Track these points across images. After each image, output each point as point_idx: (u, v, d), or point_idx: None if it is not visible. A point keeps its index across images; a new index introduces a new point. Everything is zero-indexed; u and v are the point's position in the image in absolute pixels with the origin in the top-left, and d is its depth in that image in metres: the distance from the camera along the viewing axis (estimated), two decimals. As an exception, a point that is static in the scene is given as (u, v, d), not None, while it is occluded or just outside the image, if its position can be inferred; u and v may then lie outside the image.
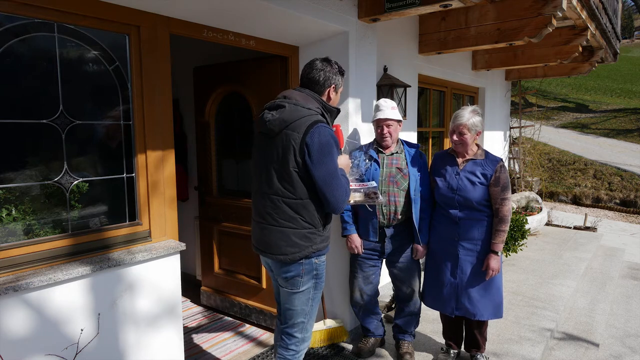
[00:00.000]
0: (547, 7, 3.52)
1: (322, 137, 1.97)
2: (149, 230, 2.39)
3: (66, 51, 2.07)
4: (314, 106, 2.10)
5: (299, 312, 2.17)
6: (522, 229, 4.95)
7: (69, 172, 2.11)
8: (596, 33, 4.81)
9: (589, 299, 4.34)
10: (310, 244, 2.07)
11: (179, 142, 4.51)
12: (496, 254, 2.61)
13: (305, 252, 2.07)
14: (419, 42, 4.39)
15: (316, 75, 2.16)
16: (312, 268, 2.13)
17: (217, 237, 3.86)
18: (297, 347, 2.21)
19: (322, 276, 2.20)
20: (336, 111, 2.25)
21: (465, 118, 2.61)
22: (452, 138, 2.68)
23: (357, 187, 2.55)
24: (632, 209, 9.82)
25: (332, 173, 2.01)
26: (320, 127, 1.99)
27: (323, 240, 2.14)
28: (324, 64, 2.18)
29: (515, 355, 3.03)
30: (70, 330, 2.00)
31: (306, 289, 2.14)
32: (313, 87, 2.17)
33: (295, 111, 2.03)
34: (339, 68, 2.24)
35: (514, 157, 7.51)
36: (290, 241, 2.05)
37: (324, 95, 2.19)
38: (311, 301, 2.18)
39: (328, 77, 2.17)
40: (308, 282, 2.13)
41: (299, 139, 1.97)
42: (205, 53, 4.10)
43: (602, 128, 16.60)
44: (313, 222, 2.07)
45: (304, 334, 2.21)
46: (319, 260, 2.15)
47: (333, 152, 2.02)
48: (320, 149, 1.97)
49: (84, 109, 2.16)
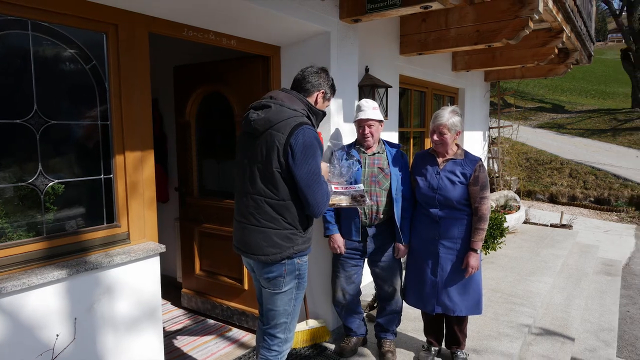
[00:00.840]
0: (524, 9, 3.59)
1: (306, 138, 1.98)
2: (127, 233, 2.35)
3: (41, 49, 2.02)
4: (300, 107, 2.10)
5: (281, 313, 2.16)
6: (501, 227, 5.04)
7: (43, 173, 2.05)
8: (571, 35, 4.93)
9: (565, 295, 4.45)
10: (291, 245, 2.07)
11: (159, 143, 4.45)
12: (475, 252, 2.65)
13: (287, 253, 2.06)
14: (400, 43, 4.43)
15: (310, 77, 2.20)
16: (295, 268, 2.12)
17: (198, 238, 3.81)
18: (279, 347, 2.20)
19: (305, 276, 2.19)
20: (322, 114, 2.25)
21: (445, 118, 2.65)
22: (433, 138, 2.71)
23: (344, 190, 2.55)
24: (605, 207, 10.12)
25: (314, 175, 2.01)
26: (305, 129, 1.99)
27: (305, 242, 2.14)
28: (320, 70, 2.25)
29: (494, 351, 3.08)
30: (46, 335, 1.95)
31: (288, 289, 2.14)
32: (302, 87, 2.20)
33: (280, 112, 2.03)
34: (332, 82, 2.30)
35: (493, 157, 7.64)
36: (272, 242, 2.05)
37: (311, 98, 2.22)
38: (294, 301, 2.17)
39: (320, 83, 2.22)
40: (290, 282, 2.13)
41: (284, 139, 1.97)
42: (185, 52, 4.04)
43: (577, 128, 17.04)
44: (294, 224, 2.07)
45: (287, 334, 2.21)
46: (301, 260, 2.15)
47: (316, 155, 2.02)
48: (304, 150, 1.97)
49: (60, 108, 2.11)
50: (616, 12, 19.85)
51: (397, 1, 2.91)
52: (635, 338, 4.19)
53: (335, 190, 2.53)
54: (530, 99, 22.60)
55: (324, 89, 2.23)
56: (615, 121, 16.99)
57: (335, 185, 2.54)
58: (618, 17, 19.61)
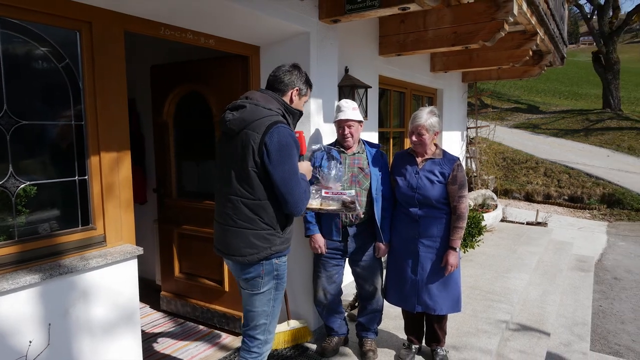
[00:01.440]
0: (500, 12, 3.67)
1: (281, 137, 1.97)
2: (103, 235, 2.30)
3: (11, 47, 1.96)
4: (275, 107, 2.10)
5: (260, 314, 2.14)
6: (479, 226, 5.13)
7: (14, 175, 1.99)
8: (545, 38, 5.06)
9: (541, 291, 4.56)
10: (269, 245, 2.06)
11: (136, 143, 4.37)
12: (454, 250, 2.69)
13: (264, 254, 2.05)
14: (379, 44, 4.46)
15: (281, 75, 2.18)
16: (273, 269, 2.11)
17: (177, 240, 3.76)
18: (259, 349, 2.17)
19: (284, 277, 2.18)
20: (298, 113, 2.24)
21: (423, 119, 2.68)
22: (412, 139, 2.75)
23: (334, 195, 2.54)
24: (579, 205, 10.41)
25: (291, 174, 2.00)
26: (280, 128, 1.99)
27: (283, 242, 2.12)
28: (291, 67, 2.22)
29: (473, 348, 3.13)
30: (18, 342, 1.89)
31: (267, 290, 2.12)
32: (277, 87, 2.19)
33: (255, 111, 2.03)
34: (306, 77, 2.27)
35: (471, 157, 7.78)
36: (249, 242, 2.04)
37: (286, 96, 2.20)
38: (272, 302, 2.16)
39: (293, 80, 2.19)
40: (269, 283, 2.12)
41: (259, 138, 1.97)
42: (163, 51, 3.98)
43: (551, 128, 17.50)
44: (272, 224, 2.06)
45: (266, 335, 2.18)
46: (280, 260, 2.14)
47: (292, 154, 2.01)
48: (280, 149, 1.96)
49: (32, 108, 2.05)
50: (587, 16, 20.47)
51: (376, 2, 2.94)
52: (607, 332, 4.32)
53: (325, 195, 2.52)
54: (506, 99, 23.10)
55: (298, 86, 2.21)
56: (588, 121, 17.52)
57: (326, 190, 2.54)
58: (589, 20, 20.24)
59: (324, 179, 2.61)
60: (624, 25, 18.06)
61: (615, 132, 15.70)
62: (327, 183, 2.58)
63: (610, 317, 4.66)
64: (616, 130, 15.97)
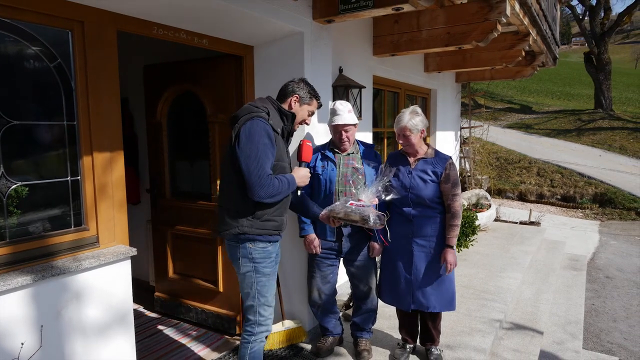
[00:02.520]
0: (493, 13, 3.69)
1: (253, 126, 2.16)
2: (96, 236, 2.28)
3: (2, 46, 1.94)
4: (262, 105, 2.30)
5: (246, 295, 2.34)
6: (472, 225, 5.16)
7: (5, 175, 1.97)
8: (537, 38, 5.10)
9: (534, 290, 4.59)
10: (236, 225, 2.24)
11: (130, 144, 4.34)
12: (451, 248, 2.70)
13: (232, 232, 2.25)
14: (373, 44, 4.47)
15: (287, 86, 2.45)
16: (247, 252, 2.27)
17: (170, 240, 3.74)
18: (252, 329, 2.34)
19: (263, 262, 2.30)
20: (291, 115, 2.41)
21: (405, 120, 2.70)
22: (399, 141, 2.78)
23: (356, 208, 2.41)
24: (571, 204, 10.49)
25: (251, 158, 2.13)
26: (255, 120, 2.18)
27: (252, 226, 2.25)
28: (299, 79, 2.48)
29: (467, 347, 3.15)
30: (9, 344, 1.87)
31: (247, 273, 2.30)
32: (279, 95, 2.46)
33: (245, 108, 2.29)
34: (311, 88, 2.48)
35: (464, 156, 7.81)
36: (223, 220, 2.31)
37: (285, 103, 2.43)
38: (255, 285, 2.30)
39: (294, 89, 2.43)
40: (246, 265, 2.29)
41: (237, 130, 2.20)
42: (156, 51, 3.96)
43: (544, 128, 17.62)
44: (238, 205, 2.25)
45: (257, 317, 2.33)
46: (255, 246, 2.28)
47: (257, 140, 2.14)
48: (248, 135, 2.15)
49: (23, 108, 2.03)
50: (579, 17, 20.63)
51: (370, 2, 2.94)
52: (600, 330, 4.36)
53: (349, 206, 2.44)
54: (499, 99, 23.24)
55: (298, 94, 2.43)
56: (580, 121, 17.66)
57: (352, 202, 2.47)
58: (581, 21, 20.40)
59: (360, 191, 2.52)
60: (615, 26, 18.22)
61: (607, 132, 15.84)
62: (360, 195, 2.49)
63: (603, 315, 4.69)
64: (608, 130, 16.11)
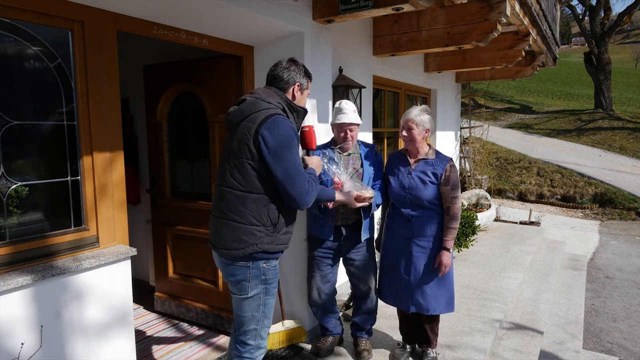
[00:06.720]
0: (493, 12, 3.69)
1: (280, 129, 1.93)
2: (96, 236, 2.28)
3: (2, 47, 1.94)
4: (275, 101, 2.07)
5: (250, 319, 2.08)
6: (472, 225, 5.15)
7: (5, 176, 1.97)
8: (537, 38, 5.10)
9: (534, 290, 4.59)
10: (255, 242, 1.98)
11: (130, 144, 4.34)
12: (447, 251, 2.70)
13: (249, 250, 1.97)
14: (373, 44, 4.47)
15: (280, 72, 2.16)
16: (260, 273, 2.04)
17: (170, 240, 3.74)
18: (251, 354, 2.11)
19: (273, 282, 2.10)
20: (303, 111, 2.21)
21: (413, 114, 2.69)
22: (402, 134, 2.75)
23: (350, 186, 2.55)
24: (571, 204, 10.50)
25: (293, 165, 1.94)
26: (278, 119, 1.95)
27: (272, 241, 2.02)
28: (289, 63, 2.19)
29: (467, 347, 3.15)
30: (9, 344, 1.87)
31: (255, 295, 2.05)
32: (277, 85, 2.16)
33: (254, 104, 2.03)
34: (305, 70, 2.23)
35: (464, 156, 7.81)
36: (235, 236, 1.98)
37: (288, 94, 2.17)
38: (262, 307, 2.08)
39: (292, 76, 2.16)
40: (256, 287, 2.04)
41: (254, 130, 1.94)
42: (156, 51, 3.96)
43: (544, 128, 17.63)
44: (260, 219, 1.99)
45: (258, 341, 2.11)
46: (268, 265, 2.06)
47: (292, 144, 1.96)
48: (280, 142, 1.92)
49: (23, 108, 2.03)
50: (579, 17, 20.64)
51: (370, 2, 2.94)
52: (600, 330, 4.36)
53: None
54: (499, 99, 23.24)
55: (298, 81, 2.18)
56: (580, 121, 17.67)
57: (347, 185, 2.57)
58: (581, 21, 20.41)
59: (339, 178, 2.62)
60: (615, 26, 18.23)
61: (607, 132, 15.85)
62: (341, 178, 2.60)
63: (603, 315, 4.70)
64: (608, 130, 16.12)
